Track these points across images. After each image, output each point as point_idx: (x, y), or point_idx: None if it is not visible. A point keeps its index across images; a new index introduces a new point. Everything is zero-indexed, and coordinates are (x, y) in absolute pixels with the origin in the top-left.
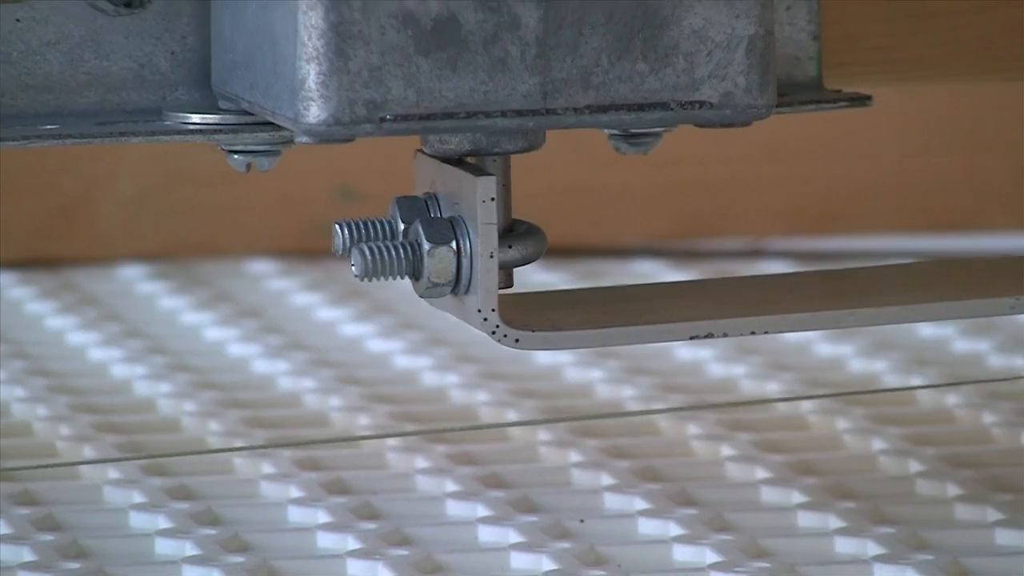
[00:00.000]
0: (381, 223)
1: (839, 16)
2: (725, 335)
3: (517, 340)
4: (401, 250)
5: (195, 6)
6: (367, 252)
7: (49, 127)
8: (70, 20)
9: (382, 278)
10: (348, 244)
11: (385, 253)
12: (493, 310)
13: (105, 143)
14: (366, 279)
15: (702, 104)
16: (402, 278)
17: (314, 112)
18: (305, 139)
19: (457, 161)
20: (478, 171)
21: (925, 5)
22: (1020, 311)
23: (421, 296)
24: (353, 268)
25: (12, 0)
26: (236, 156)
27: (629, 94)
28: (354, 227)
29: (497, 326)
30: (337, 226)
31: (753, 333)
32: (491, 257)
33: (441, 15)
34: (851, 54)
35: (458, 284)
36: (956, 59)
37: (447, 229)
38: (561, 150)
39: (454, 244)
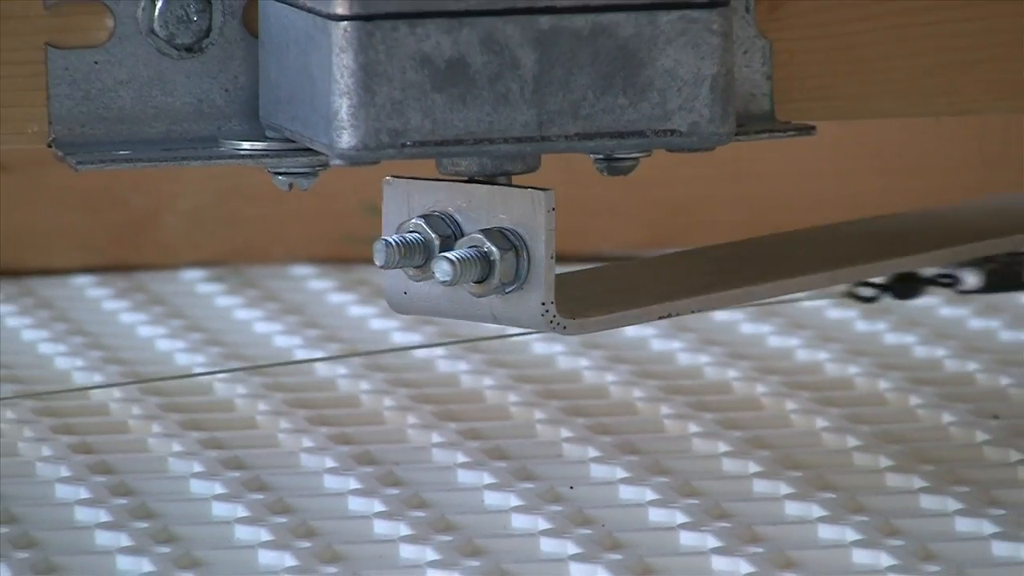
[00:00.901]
0: (417, 240)
1: (788, 60)
2: (691, 312)
3: (564, 327)
4: (477, 258)
5: (245, 51)
6: (456, 261)
7: (122, 153)
8: (140, 63)
9: (461, 283)
10: (397, 258)
11: (467, 262)
12: (552, 303)
13: (170, 166)
14: (453, 285)
15: (673, 132)
16: (473, 282)
17: (345, 139)
18: (338, 162)
19: (487, 182)
20: (532, 187)
21: (859, 52)
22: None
23: (479, 296)
24: (438, 275)
25: (91, 46)
26: (280, 177)
27: (611, 124)
28: (401, 244)
29: (554, 316)
30: (384, 242)
31: (697, 311)
32: (551, 258)
33: (453, 57)
34: (798, 92)
35: (514, 284)
36: (884, 97)
37: (505, 238)
38: (551, 170)
39: (515, 250)
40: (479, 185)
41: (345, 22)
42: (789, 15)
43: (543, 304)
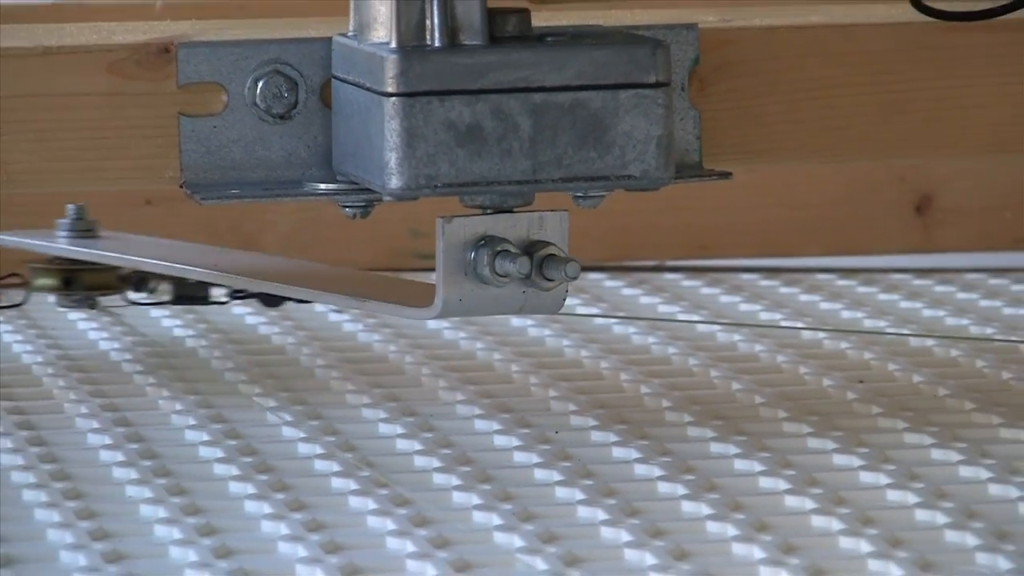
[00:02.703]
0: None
1: (712, 125)
2: None
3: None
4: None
5: (322, 119)
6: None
7: (233, 191)
8: (247, 127)
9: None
10: (529, 269)
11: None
12: (568, 290)
13: (267, 201)
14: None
15: (629, 177)
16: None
17: (394, 182)
18: (388, 198)
19: (511, 211)
20: (558, 211)
21: (762, 119)
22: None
23: (548, 290)
24: (572, 274)
25: (211, 114)
26: (347, 209)
27: (585, 171)
28: (525, 259)
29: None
30: (520, 259)
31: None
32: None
33: (471, 123)
34: (719, 147)
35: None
36: (781, 152)
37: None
38: (540, 204)
39: None
40: (525, 213)
41: (394, 98)
42: (713, 93)
43: (566, 291)
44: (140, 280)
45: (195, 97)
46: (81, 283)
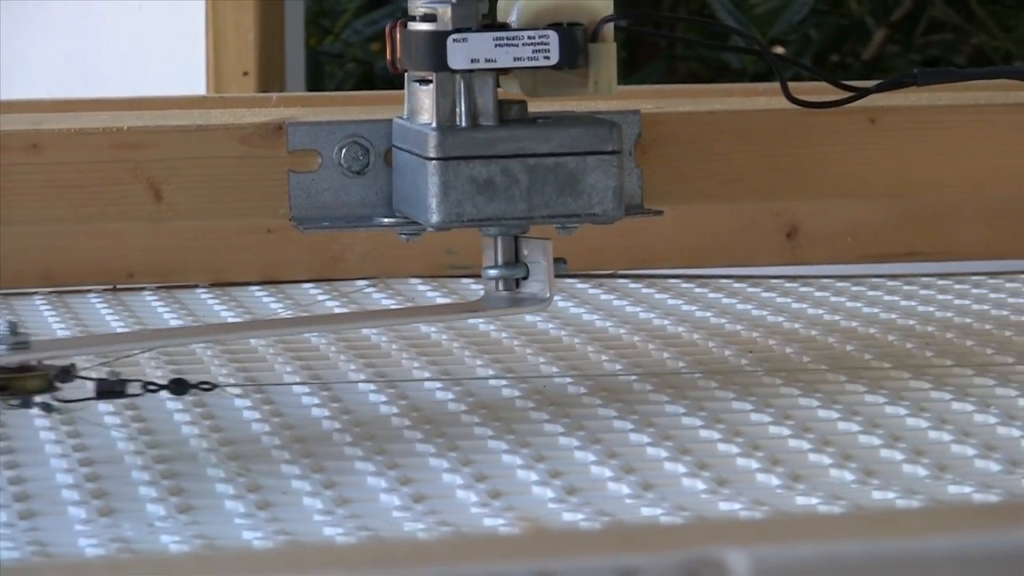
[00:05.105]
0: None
1: (650, 179)
2: None
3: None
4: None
5: (386, 174)
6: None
7: (325, 224)
8: (334, 180)
9: None
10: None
11: None
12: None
13: (349, 231)
14: None
15: (594, 215)
16: None
17: (434, 218)
18: (430, 229)
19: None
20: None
21: (685, 175)
22: None
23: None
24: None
25: (310, 171)
26: (403, 236)
27: (563, 210)
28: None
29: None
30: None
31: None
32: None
33: (487, 178)
34: (654, 194)
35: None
36: (696, 196)
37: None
38: (535, 231)
39: None
40: (522, 237)
41: (434, 161)
42: (651, 158)
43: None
44: (64, 372)
45: (300, 159)
46: (20, 387)
